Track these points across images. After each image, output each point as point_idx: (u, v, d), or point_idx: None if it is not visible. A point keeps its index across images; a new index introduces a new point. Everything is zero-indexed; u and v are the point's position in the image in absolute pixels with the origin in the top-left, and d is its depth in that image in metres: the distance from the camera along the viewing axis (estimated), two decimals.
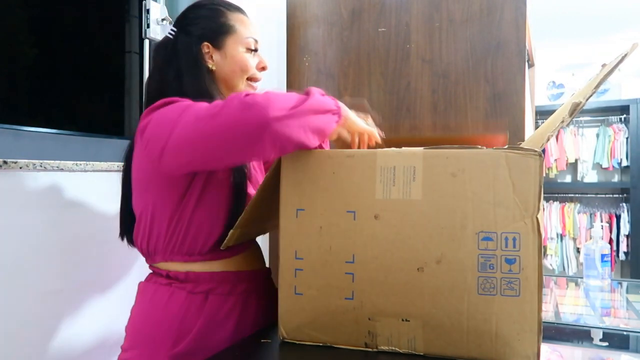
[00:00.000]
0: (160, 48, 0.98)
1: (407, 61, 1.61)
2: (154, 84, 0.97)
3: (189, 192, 0.89)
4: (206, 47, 0.96)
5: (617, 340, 0.96)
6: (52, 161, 1.06)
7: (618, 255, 3.38)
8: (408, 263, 0.74)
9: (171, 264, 0.92)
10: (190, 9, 0.99)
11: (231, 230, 0.86)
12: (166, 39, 0.98)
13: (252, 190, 0.96)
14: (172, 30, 0.97)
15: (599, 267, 1.40)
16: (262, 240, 1.67)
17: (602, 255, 1.40)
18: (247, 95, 0.75)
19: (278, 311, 0.81)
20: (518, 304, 0.69)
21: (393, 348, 0.75)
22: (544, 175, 0.83)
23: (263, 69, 1.02)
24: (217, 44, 0.96)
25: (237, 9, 1.01)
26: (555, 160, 3.59)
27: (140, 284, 0.97)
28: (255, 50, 1.00)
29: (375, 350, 0.76)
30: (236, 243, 0.91)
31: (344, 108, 0.85)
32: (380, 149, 0.77)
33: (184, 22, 0.98)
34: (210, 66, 0.96)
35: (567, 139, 3.59)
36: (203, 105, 0.78)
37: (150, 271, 0.97)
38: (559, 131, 2.04)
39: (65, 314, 1.09)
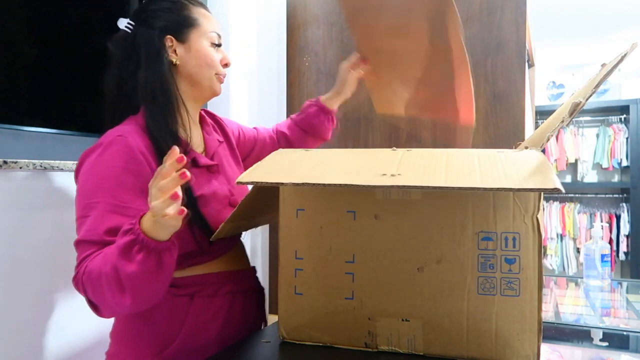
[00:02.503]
0: (117, 42, 0.93)
1: None
2: (111, 81, 0.92)
3: None
4: (169, 40, 0.92)
5: (617, 340, 0.96)
6: (52, 161, 1.06)
7: (618, 255, 3.38)
8: (408, 263, 0.74)
9: None
10: (151, 1, 0.94)
11: (222, 224, 0.84)
12: (124, 32, 0.93)
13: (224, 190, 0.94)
14: (129, 23, 0.92)
15: (599, 267, 1.40)
16: (262, 240, 1.68)
17: (602, 255, 1.40)
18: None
19: (278, 311, 0.81)
20: (518, 303, 0.70)
21: (393, 348, 0.75)
22: None
23: (226, 65, 0.99)
24: (181, 37, 0.92)
25: (199, 4, 0.97)
26: (555, 160, 3.59)
27: None
28: (219, 45, 0.97)
29: (375, 350, 0.76)
30: (226, 236, 0.89)
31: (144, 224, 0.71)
32: (380, 149, 0.77)
33: (143, 15, 0.93)
34: (173, 60, 0.92)
35: (567, 139, 3.59)
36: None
37: None
38: (559, 131, 2.04)
39: (64, 313, 1.09)
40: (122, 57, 0.92)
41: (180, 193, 0.66)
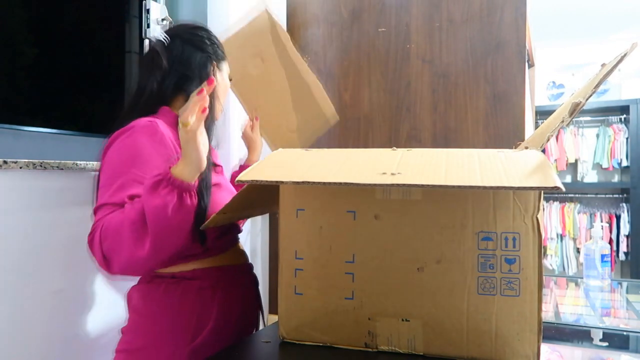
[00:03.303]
0: (163, 51, 1.04)
1: (407, 61, 1.61)
2: (153, 83, 1.02)
3: None
4: (214, 65, 1.08)
5: (617, 340, 0.96)
6: (52, 161, 1.06)
7: (618, 256, 3.38)
8: (408, 263, 0.74)
9: (175, 267, 0.95)
10: (198, 28, 1.10)
11: (214, 215, 0.86)
12: (166, 45, 1.04)
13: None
14: (166, 37, 1.05)
15: (599, 267, 1.40)
16: (262, 240, 1.68)
17: (602, 256, 1.40)
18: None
19: (278, 311, 0.81)
20: (518, 304, 0.69)
21: (393, 348, 0.75)
22: None
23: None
24: (220, 65, 1.10)
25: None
26: (555, 160, 3.59)
27: (137, 287, 0.98)
28: (230, 80, 1.16)
29: (375, 350, 0.76)
30: (216, 226, 0.93)
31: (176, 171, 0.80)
32: (380, 149, 0.77)
33: (192, 38, 1.06)
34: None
35: (567, 139, 3.59)
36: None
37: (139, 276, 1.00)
38: (559, 131, 2.04)
39: (65, 314, 1.09)
40: (168, 65, 1.03)
41: (207, 109, 0.76)
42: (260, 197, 0.90)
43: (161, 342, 0.92)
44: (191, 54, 1.04)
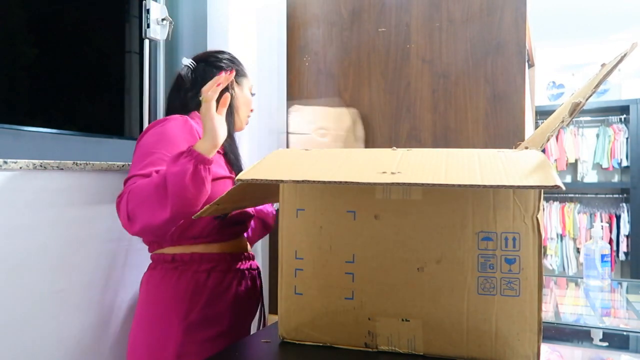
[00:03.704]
0: (187, 74, 1.19)
1: (407, 61, 1.61)
2: (176, 100, 1.18)
3: None
4: (232, 80, 1.14)
5: (617, 340, 0.96)
6: (52, 161, 1.06)
7: (618, 256, 3.38)
8: (408, 263, 0.74)
9: (178, 247, 1.06)
10: (221, 52, 1.23)
11: (208, 205, 0.87)
12: (189, 67, 1.19)
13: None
14: (192, 62, 1.19)
15: (599, 267, 1.40)
16: (262, 240, 1.67)
17: (602, 256, 1.40)
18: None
19: (278, 311, 0.81)
20: (518, 304, 0.69)
21: (393, 348, 0.75)
22: None
23: (252, 110, 1.26)
24: (238, 80, 1.20)
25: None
26: (555, 160, 3.59)
27: (145, 275, 1.09)
28: (253, 94, 1.26)
29: (375, 350, 0.76)
30: (209, 216, 1.00)
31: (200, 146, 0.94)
32: (380, 150, 0.77)
33: (213, 59, 1.19)
34: (233, 93, 1.17)
35: (567, 139, 3.58)
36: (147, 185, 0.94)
37: (150, 262, 1.11)
38: (559, 131, 2.04)
39: (65, 314, 1.09)
40: (190, 84, 1.17)
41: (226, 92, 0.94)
42: (255, 191, 0.91)
43: (157, 321, 1.03)
44: (211, 72, 1.15)
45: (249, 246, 1.23)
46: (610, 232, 3.41)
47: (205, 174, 0.92)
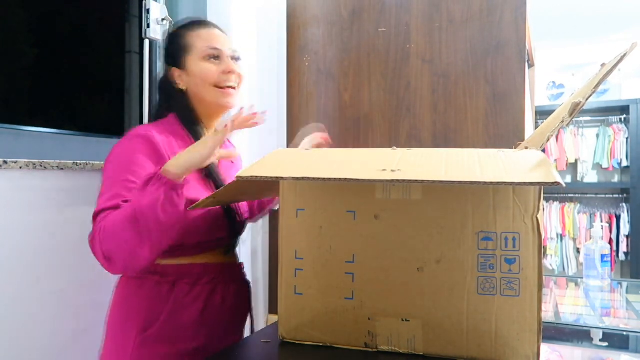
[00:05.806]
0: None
1: (407, 61, 1.61)
2: (156, 111, 1.10)
3: None
4: (175, 71, 1.04)
5: (617, 340, 0.96)
6: (52, 161, 1.06)
7: (618, 256, 3.38)
8: (408, 263, 0.74)
9: None
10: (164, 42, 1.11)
11: (203, 199, 0.86)
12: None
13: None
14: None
15: (599, 267, 1.39)
16: (262, 240, 1.67)
17: (602, 256, 1.40)
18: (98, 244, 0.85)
19: (278, 311, 0.81)
20: (518, 304, 0.69)
21: (393, 348, 0.75)
22: None
23: (230, 72, 1.03)
24: (181, 65, 1.04)
25: (198, 25, 1.06)
26: (555, 160, 3.59)
27: (116, 283, 1.02)
28: (217, 57, 1.03)
29: (375, 350, 0.76)
30: (205, 208, 0.95)
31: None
32: (380, 150, 0.77)
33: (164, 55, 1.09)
34: (182, 87, 1.04)
35: (567, 139, 3.58)
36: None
37: None
38: (559, 131, 2.04)
39: (65, 314, 1.09)
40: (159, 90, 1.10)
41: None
42: (251, 187, 0.91)
43: (116, 333, 0.96)
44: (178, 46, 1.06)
45: (236, 257, 1.12)
46: (610, 232, 3.41)
47: (178, 200, 0.84)
